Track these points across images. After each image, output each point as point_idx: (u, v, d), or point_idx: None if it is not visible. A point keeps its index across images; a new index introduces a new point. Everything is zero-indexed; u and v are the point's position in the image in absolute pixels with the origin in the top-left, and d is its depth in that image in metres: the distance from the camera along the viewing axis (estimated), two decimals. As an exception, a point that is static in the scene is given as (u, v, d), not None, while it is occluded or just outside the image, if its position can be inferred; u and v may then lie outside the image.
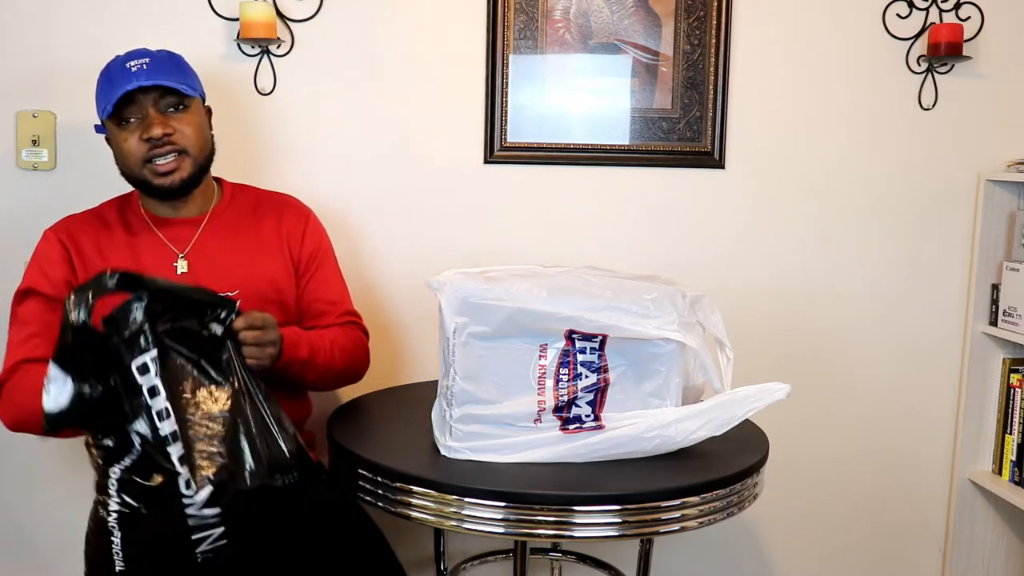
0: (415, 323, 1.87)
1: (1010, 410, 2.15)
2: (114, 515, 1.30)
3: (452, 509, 1.37)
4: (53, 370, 1.25)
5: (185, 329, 1.33)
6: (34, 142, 2.01)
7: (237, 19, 1.98)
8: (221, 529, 1.32)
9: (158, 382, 1.28)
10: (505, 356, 1.43)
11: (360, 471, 1.46)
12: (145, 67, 1.59)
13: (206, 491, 1.28)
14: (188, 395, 1.30)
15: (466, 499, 1.36)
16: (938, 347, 2.21)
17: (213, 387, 1.33)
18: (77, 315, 1.25)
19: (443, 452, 1.47)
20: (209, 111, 1.74)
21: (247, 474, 1.30)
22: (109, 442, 1.31)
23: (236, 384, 1.34)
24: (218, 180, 1.79)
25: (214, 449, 1.29)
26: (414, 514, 1.39)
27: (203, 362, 1.34)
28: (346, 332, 1.71)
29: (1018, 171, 2.08)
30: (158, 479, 1.28)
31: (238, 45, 2.02)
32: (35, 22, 1.99)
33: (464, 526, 1.37)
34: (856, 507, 2.25)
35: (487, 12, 2.05)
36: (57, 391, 1.25)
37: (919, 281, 2.19)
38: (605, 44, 2.08)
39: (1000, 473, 2.18)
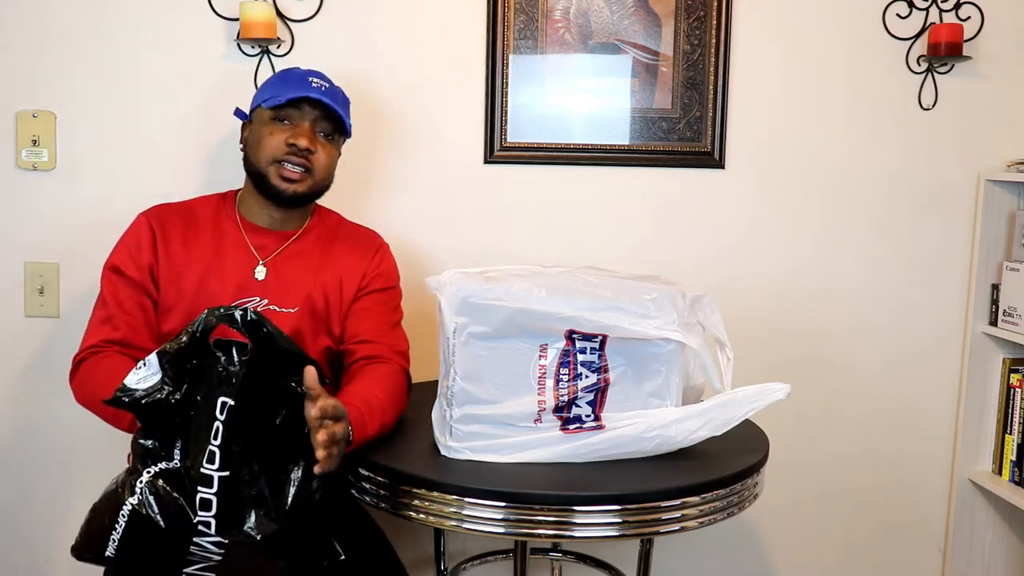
0: (415, 323, 1.87)
1: (1010, 410, 2.15)
2: (129, 507, 1.32)
3: (452, 509, 1.37)
4: (152, 358, 1.31)
5: (274, 387, 1.35)
6: (34, 142, 2.01)
7: (237, 19, 1.98)
8: (217, 560, 1.35)
9: (222, 427, 1.30)
10: (505, 356, 1.43)
11: (360, 471, 1.47)
12: (324, 89, 1.69)
13: (217, 537, 1.32)
14: (243, 450, 1.32)
15: (466, 499, 1.36)
16: (938, 347, 2.21)
17: (270, 447, 1.34)
18: (199, 328, 1.33)
19: (443, 452, 1.47)
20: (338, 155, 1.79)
21: (260, 532, 1.31)
22: (150, 444, 1.34)
23: (289, 450, 1.34)
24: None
25: (242, 501, 1.31)
26: (414, 514, 1.39)
27: (273, 421, 1.35)
28: (387, 371, 1.63)
29: (1018, 171, 2.08)
30: (182, 502, 1.30)
31: (238, 45, 2.02)
32: (35, 22, 1.99)
33: (464, 526, 1.37)
34: (856, 507, 2.25)
35: (487, 12, 2.05)
36: (144, 375, 1.31)
37: (919, 281, 2.19)
38: (605, 44, 2.08)
39: (1000, 473, 2.18)
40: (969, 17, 2.10)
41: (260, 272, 1.70)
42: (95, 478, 2.08)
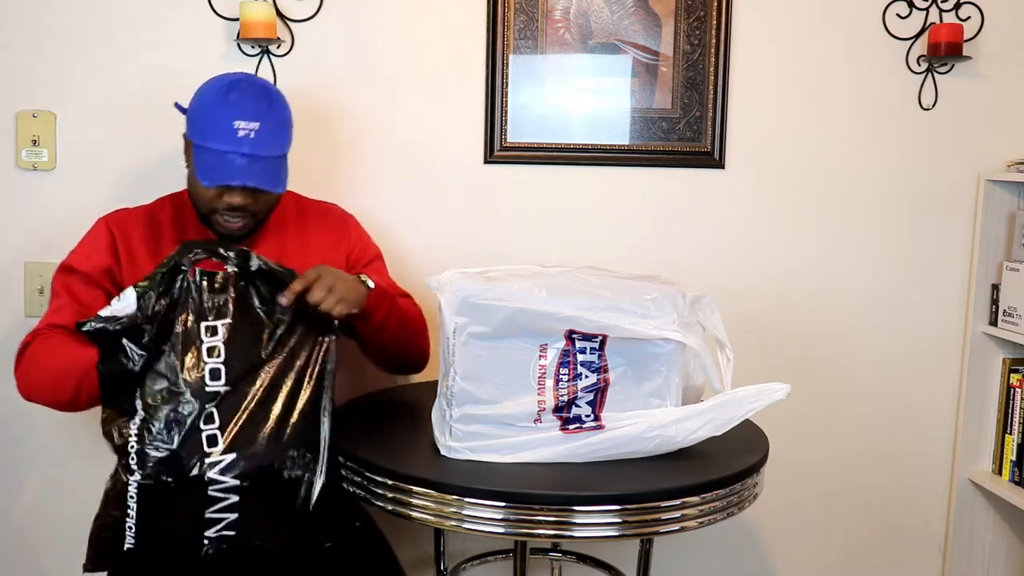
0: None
1: (1010, 410, 2.15)
2: (134, 486, 1.33)
3: (452, 509, 1.37)
4: (129, 291, 1.36)
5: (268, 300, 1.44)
6: (34, 142, 2.01)
7: (237, 19, 1.98)
8: (234, 515, 1.36)
9: (221, 345, 1.37)
10: (505, 356, 1.43)
11: (360, 471, 1.46)
12: (253, 136, 1.54)
13: (231, 456, 1.35)
14: (243, 365, 1.39)
15: (466, 499, 1.36)
16: (938, 347, 2.21)
17: (273, 362, 1.41)
18: (177, 259, 1.38)
19: (443, 452, 1.47)
20: None
21: (272, 450, 1.38)
22: (124, 407, 1.36)
23: (297, 363, 1.43)
24: None
25: (253, 420, 1.37)
26: (414, 514, 1.39)
27: (273, 335, 1.43)
28: (406, 300, 1.75)
29: (1018, 171, 2.08)
30: (184, 440, 1.34)
31: (238, 45, 2.02)
32: (35, 22, 1.99)
33: (464, 526, 1.37)
34: (856, 507, 2.25)
35: (487, 12, 2.05)
36: (122, 305, 1.36)
37: (919, 281, 2.19)
38: (605, 44, 2.08)
39: (1000, 473, 2.17)
40: (969, 17, 2.10)
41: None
42: (94, 478, 2.09)
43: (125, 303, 1.35)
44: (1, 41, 1.99)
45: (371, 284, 1.56)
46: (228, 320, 1.40)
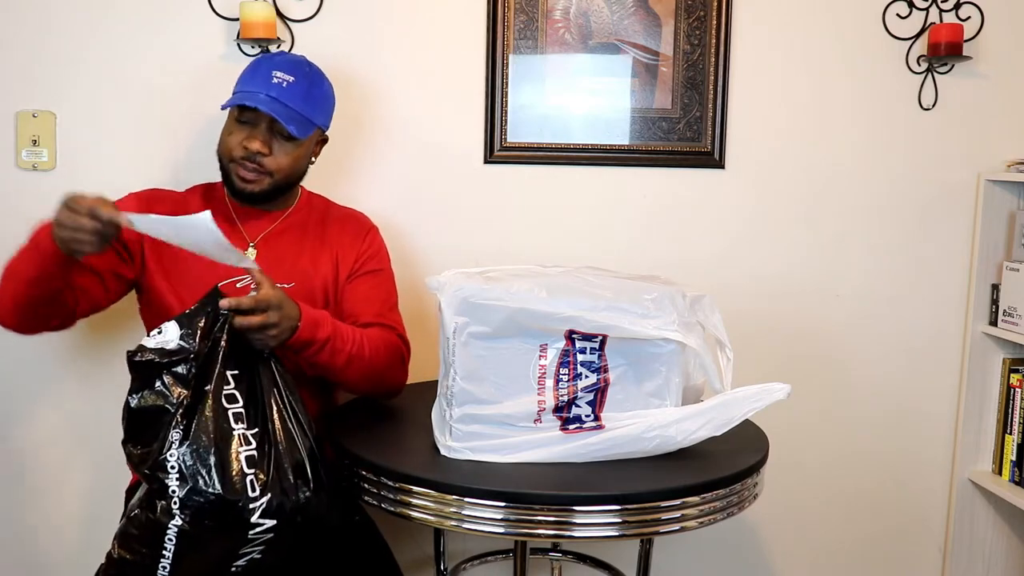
0: (415, 323, 1.87)
1: (1010, 410, 2.15)
2: (174, 529, 1.30)
3: (452, 509, 1.37)
4: (171, 324, 1.35)
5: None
6: (34, 142, 2.01)
7: (237, 19, 1.98)
8: (263, 546, 1.36)
9: (237, 393, 1.37)
10: (505, 356, 1.43)
11: (360, 471, 1.47)
12: (285, 85, 1.65)
13: (266, 498, 1.33)
14: (256, 409, 1.39)
15: (466, 499, 1.36)
16: (938, 347, 2.21)
17: (276, 403, 1.42)
18: (213, 299, 1.38)
19: (443, 452, 1.47)
20: (325, 140, 1.80)
21: (295, 484, 1.37)
22: (152, 448, 1.33)
23: (271, 392, 1.42)
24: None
25: (278, 458, 1.37)
26: (414, 514, 1.39)
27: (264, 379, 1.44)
28: (381, 332, 1.68)
29: (1018, 171, 2.08)
30: (230, 484, 1.31)
31: (238, 45, 2.02)
32: (35, 22, 1.99)
33: (464, 526, 1.37)
34: (856, 507, 2.25)
35: (487, 12, 2.05)
36: (164, 338, 1.34)
37: (919, 281, 2.19)
38: (605, 44, 2.08)
39: (1000, 473, 2.18)
40: (969, 17, 2.10)
41: (250, 252, 1.72)
42: (92, 478, 2.09)
43: (167, 336, 1.33)
44: (1, 41, 1.99)
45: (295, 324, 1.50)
46: (238, 371, 1.40)
